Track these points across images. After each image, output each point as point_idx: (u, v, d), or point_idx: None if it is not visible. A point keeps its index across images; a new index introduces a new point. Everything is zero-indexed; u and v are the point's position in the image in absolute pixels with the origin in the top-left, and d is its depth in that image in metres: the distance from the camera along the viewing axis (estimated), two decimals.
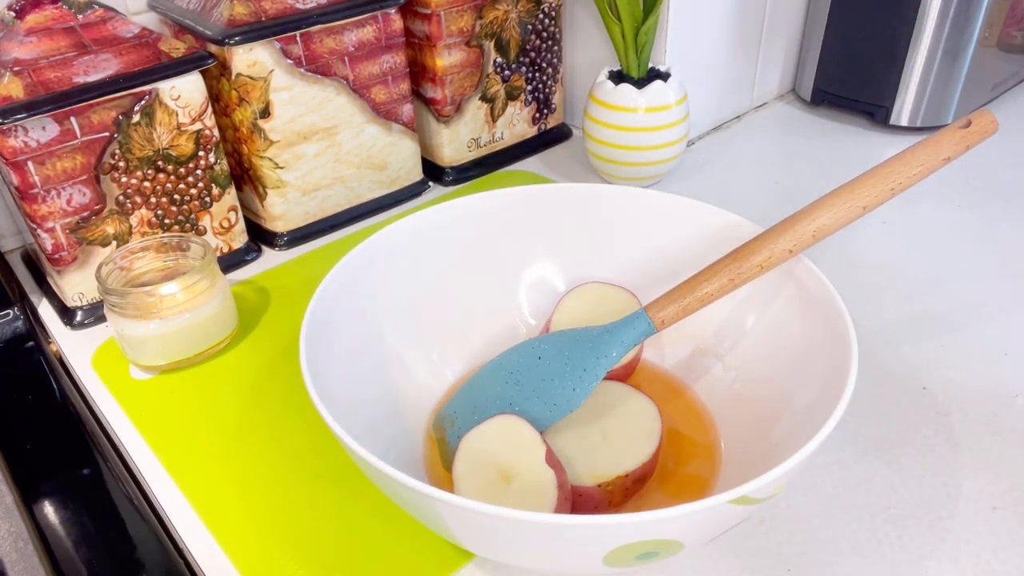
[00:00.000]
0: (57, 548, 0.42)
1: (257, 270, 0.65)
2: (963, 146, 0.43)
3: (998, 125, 0.44)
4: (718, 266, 0.44)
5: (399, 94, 0.69)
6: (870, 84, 0.80)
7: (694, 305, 0.44)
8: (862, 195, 0.43)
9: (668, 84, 0.68)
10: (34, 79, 0.52)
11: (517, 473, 0.40)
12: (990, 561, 0.39)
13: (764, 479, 0.32)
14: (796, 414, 0.40)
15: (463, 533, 0.35)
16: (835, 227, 0.43)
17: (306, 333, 0.41)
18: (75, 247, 0.57)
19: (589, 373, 0.45)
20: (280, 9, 0.60)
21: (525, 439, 0.41)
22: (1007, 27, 0.77)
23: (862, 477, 0.44)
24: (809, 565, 0.40)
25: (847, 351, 0.38)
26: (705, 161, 0.78)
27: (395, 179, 0.73)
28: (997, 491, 0.43)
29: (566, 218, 0.54)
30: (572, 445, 0.43)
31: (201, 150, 0.60)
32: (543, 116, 0.81)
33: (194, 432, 0.50)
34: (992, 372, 0.51)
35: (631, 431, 0.43)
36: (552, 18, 0.77)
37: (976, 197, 0.69)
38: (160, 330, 0.52)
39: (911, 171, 0.43)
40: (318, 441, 0.48)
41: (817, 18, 0.82)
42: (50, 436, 0.50)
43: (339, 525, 0.43)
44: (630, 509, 0.42)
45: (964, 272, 0.60)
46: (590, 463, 0.42)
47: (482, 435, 0.42)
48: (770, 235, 0.44)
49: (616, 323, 0.46)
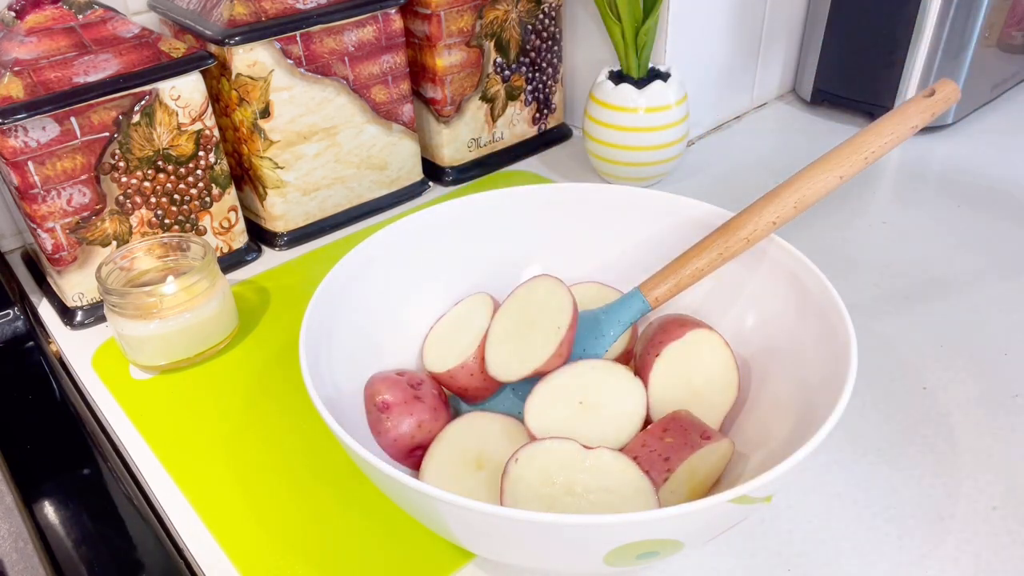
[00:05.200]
0: (57, 548, 0.42)
1: (257, 270, 0.65)
2: (929, 113, 0.45)
3: (959, 93, 0.46)
4: (707, 242, 0.46)
5: (399, 94, 0.69)
6: (870, 84, 0.80)
7: (686, 281, 0.46)
8: (838, 166, 0.45)
9: (668, 84, 0.68)
10: (34, 79, 0.52)
11: (489, 459, 0.40)
12: (990, 561, 0.39)
13: (764, 479, 0.32)
14: (796, 414, 0.40)
15: (463, 533, 0.35)
16: (815, 197, 0.45)
17: (306, 333, 0.41)
18: (75, 247, 0.57)
19: (588, 354, 0.47)
20: (280, 9, 0.60)
21: (508, 431, 0.42)
22: (1007, 27, 0.77)
23: (862, 477, 0.44)
24: (809, 565, 0.40)
25: (847, 351, 0.38)
26: (705, 161, 0.78)
27: (395, 179, 0.73)
28: (997, 491, 0.43)
29: (566, 218, 0.54)
30: (559, 423, 0.43)
31: (201, 150, 0.60)
32: (543, 116, 0.81)
33: (194, 432, 0.50)
34: (992, 372, 0.51)
35: (616, 409, 0.43)
36: (552, 18, 0.77)
37: (976, 197, 0.69)
38: (160, 330, 0.52)
39: (882, 140, 0.45)
40: (318, 441, 0.48)
41: (817, 18, 0.82)
42: (50, 436, 0.50)
43: (339, 525, 0.43)
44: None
45: (964, 272, 0.60)
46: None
47: (457, 427, 0.43)
48: (754, 209, 0.45)
49: (612, 304, 0.48)
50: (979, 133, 0.79)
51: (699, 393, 0.44)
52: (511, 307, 0.47)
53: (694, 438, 0.39)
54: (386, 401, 0.42)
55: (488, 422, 0.43)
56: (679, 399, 0.44)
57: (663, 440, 0.40)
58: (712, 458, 0.40)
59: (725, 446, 0.40)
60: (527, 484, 0.37)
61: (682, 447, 0.39)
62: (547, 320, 0.45)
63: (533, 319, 0.46)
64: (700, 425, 0.41)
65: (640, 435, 0.41)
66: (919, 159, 0.76)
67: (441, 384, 0.47)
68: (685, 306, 0.50)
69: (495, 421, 0.43)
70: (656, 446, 0.39)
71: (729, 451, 0.41)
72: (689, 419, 0.41)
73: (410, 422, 0.42)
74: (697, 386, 0.44)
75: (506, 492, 0.37)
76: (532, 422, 0.42)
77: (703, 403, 0.44)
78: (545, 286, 0.47)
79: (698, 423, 0.41)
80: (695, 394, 0.44)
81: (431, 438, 0.43)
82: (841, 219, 0.67)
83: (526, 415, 0.42)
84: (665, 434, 0.40)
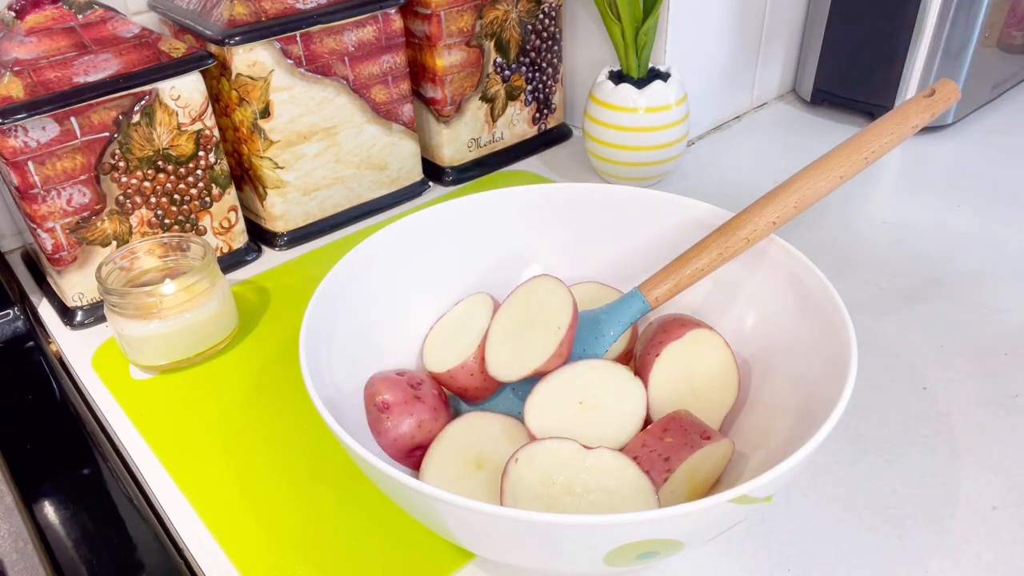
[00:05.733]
0: (57, 548, 0.42)
1: (257, 270, 0.65)
2: (929, 113, 0.45)
3: (959, 93, 0.46)
4: (707, 242, 0.46)
5: (399, 94, 0.69)
6: (870, 84, 0.80)
7: (686, 281, 0.46)
8: (838, 166, 0.45)
9: (668, 84, 0.68)
10: (34, 79, 0.52)
11: (489, 459, 0.40)
12: (990, 561, 0.39)
13: (764, 479, 0.32)
14: (796, 414, 0.40)
15: (463, 533, 0.35)
16: (815, 197, 0.45)
17: (306, 333, 0.41)
18: (75, 247, 0.57)
19: (588, 354, 0.47)
20: (280, 9, 0.60)
21: (508, 431, 0.42)
22: (1007, 27, 0.77)
23: (862, 477, 0.44)
24: (809, 565, 0.40)
25: (847, 351, 0.38)
26: (705, 161, 0.78)
27: (395, 179, 0.73)
28: (997, 491, 0.43)
29: (566, 218, 0.54)
30: (559, 423, 0.43)
31: (201, 150, 0.60)
32: (543, 116, 0.81)
33: (194, 432, 0.50)
34: (992, 372, 0.51)
35: (616, 409, 0.43)
36: (552, 18, 0.77)
37: (976, 197, 0.69)
38: (160, 330, 0.52)
39: (883, 140, 0.45)
40: (318, 441, 0.48)
41: (817, 18, 0.82)
42: (50, 436, 0.50)
43: (339, 525, 0.43)
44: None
45: (964, 272, 0.60)
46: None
47: (456, 427, 0.43)
48: (754, 209, 0.45)
49: (612, 304, 0.48)
50: (979, 133, 0.79)
51: (699, 393, 0.44)
52: (511, 307, 0.47)
53: (694, 438, 0.39)
54: (386, 401, 0.42)
55: (488, 422, 0.43)
56: (679, 399, 0.44)
57: (663, 440, 0.40)
58: (712, 458, 0.40)
59: (725, 446, 0.40)
60: (527, 484, 0.37)
61: (682, 447, 0.39)
62: (547, 320, 0.45)
63: (533, 319, 0.46)
64: (700, 425, 0.41)
65: (640, 435, 0.41)
66: (919, 159, 0.76)
67: (441, 384, 0.47)
68: (685, 306, 0.50)
69: (495, 421, 0.43)
70: (656, 446, 0.39)
71: (729, 451, 0.41)
72: (689, 419, 0.41)
73: (410, 422, 0.42)
74: (697, 386, 0.44)
75: (506, 492, 0.37)
76: (532, 422, 0.42)
77: (703, 403, 0.44)
78: (545, 286, 0.47)
79: (698, 423, 0.41)
80: (695, 394, 0.44)
81: (431, 438, 0.43)
82: (841, 219, 0.67)
83: (526, 415, 0.42)
84: (665, 434, 0.40)
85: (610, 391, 0.43)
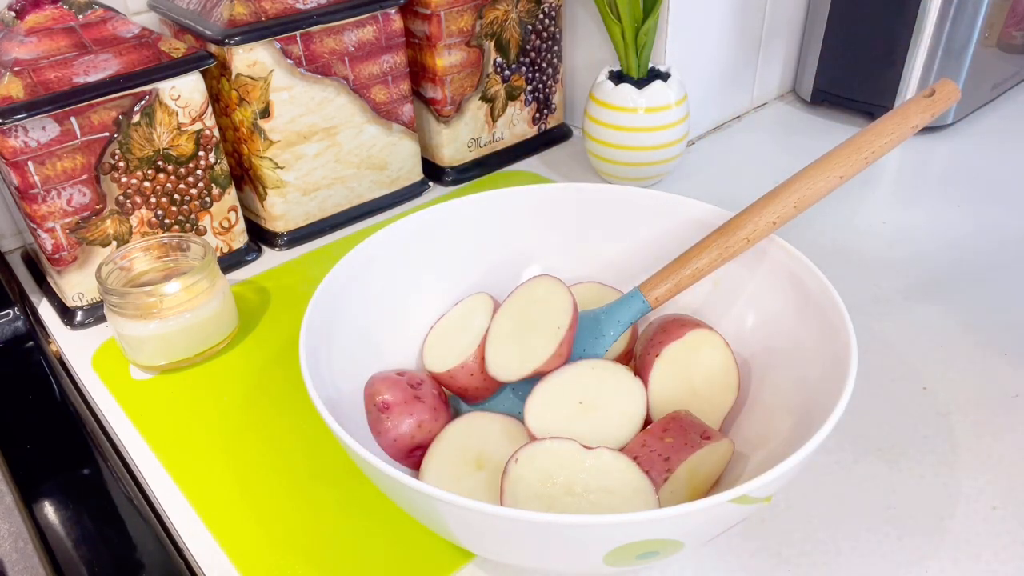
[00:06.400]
0: (57, 548, 0.42)
1: (257, 270, 0.65)
2: (929, 113, 0.45)
3: (959, 93, 0.46)
4: (707, 242, 0.46)
5: (399, 94, 0.69)
6: (870, 84, 0.80)
7: (686, 281, 0.46)
8: (838, 166, 0.45)
9: (668, 84, 0.68)
10: (34, 79, 0.52)
11: (489, 460, 0.40)
12: (990, 561, 0.39)
13: (764, 479, 0.32)
14: (796, 414, 0.40)
15: (463, 533, 0.35)
16: (815, 197, 0.45)
17: (306, 333, 0.41)
18: (75, 247, 0.57)
19: (588, 354, 0.47)
20: (280, 9, 0.60)
21: (508, 431, 0.42)
22: (1007, 27, 0.77)
23: (862, 477, 0.44)
24: (809, 565, 0.40)
25: (847, 351, 0.38)
26: (705, 161, 0.78)
27: (395, 179, 0.73)
28: (997, 491, 0.43)
29: (566, 218, 0.54)
30: (559, 423, 0.43)
31: (201, 150, 0.60)
32: (543, 116, 0.81)
33: (194, 432, 0.50)
34: (992, 372, 0.51)
35: (616, 409, 0.43)
36: (552, 18, 0.77)
37: (976, 197, 0.69)
38: (160, 330, 0.52)
39: (883, 140, 0.45)
40: (318, 441, 0.48)
41: (817, 18, 0.82)
42: (50, 436, 0.50)
43: (339, 525, 0.43)
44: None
45: (964, 272, 0.60)
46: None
47: (456, 427, 0.43)
48: (754, 209, 0.45)
49: (612, 304, 0.48)
50: (979, 133, 0.79)
51: (699, 393, 0.44)
52: (511, 307, 0.47)
53: (694, 438, 0.39)
54: (386, 401, 0.42)
55: (488, 422, 0.43)
56: (679, 399, 0.44)
57: (663, 440, 0.40)
58: (712, 458, 0.40)
59: (725, 446, 0.40)
60: (527, 484, 0.37)
61: (682, 447, 0.39)
62: (547, 320, 0.45)
63: (533, 319, 0.46)
64: (700, 425, 0.41)
65: (640, 435, 0.41)
66: (919, 159, 0.76)
67: (441, 384, 0.47)
68: (685, 306, 0.50)
69: (495, 421, 0.43)
70: (656, 446, 0.39)
71: (729, 451, 0.41)
72: (689, 419, 0.41)
73: (410, 422, 0.42)
74: (697, 386, 0.44)
75: (506, 492, 0.37)
76: (532, 422, 0.42)
77: (703, 403, 0.44)
78: (545, 286, 0.47)
79: (698, 423, 0.41)
80: (695, 394, 0.44)
81: (431, 438, 0.43)
82: (841, 219, 0.67)
83: (526, 415, 0.42)
84: (665, 434, 0.40)
85: (610, 391, 0.43)
